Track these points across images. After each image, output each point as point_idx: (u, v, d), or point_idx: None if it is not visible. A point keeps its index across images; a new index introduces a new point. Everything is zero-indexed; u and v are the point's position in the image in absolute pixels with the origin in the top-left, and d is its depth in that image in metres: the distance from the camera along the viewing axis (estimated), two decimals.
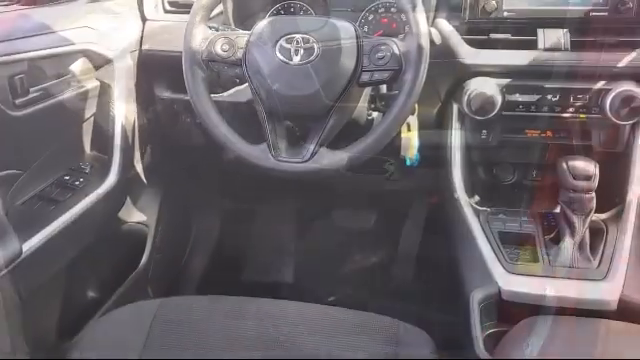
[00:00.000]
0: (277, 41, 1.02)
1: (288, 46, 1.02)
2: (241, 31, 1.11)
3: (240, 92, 1.29)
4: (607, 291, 0.98)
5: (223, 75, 1.08)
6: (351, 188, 1.74)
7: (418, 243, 1.83)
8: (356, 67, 1.01)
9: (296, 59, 1.01)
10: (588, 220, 1.05)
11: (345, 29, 1.03)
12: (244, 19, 1.32)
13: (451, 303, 1.14)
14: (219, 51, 1.05)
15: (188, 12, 1.07)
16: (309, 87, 1.00)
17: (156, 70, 1.40)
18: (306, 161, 1.02)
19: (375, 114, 1.23)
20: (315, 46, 1.01)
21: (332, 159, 1.02)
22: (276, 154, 1.03)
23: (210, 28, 1.08)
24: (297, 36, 1.02)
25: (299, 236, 1.93)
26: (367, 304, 1.07)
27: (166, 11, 1.42)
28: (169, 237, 1.64)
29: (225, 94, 1.30)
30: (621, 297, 0.97)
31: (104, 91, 1.30)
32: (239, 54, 1.05)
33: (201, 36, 1.05)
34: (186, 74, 1.06)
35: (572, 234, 1.05)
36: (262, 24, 1.06)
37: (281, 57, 1.02)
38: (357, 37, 1.03)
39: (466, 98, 1.15)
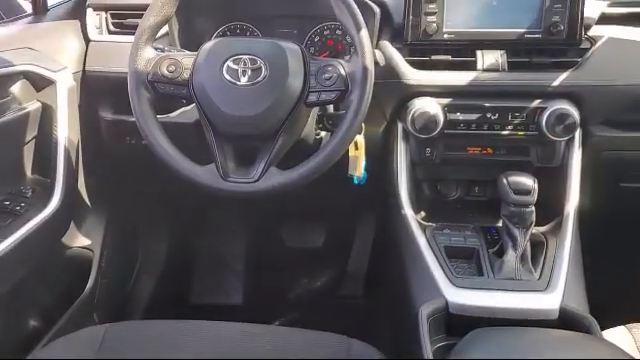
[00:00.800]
0: (224, 62, 1.03)
1: (235, 67, 1.02)
2: (187, 52, 1.11)
3: (187, 113, 1.29)
4: (548, 301, 1.02)
5: (169, 96, 1.08)
6: (300, 207, 1.74)
7: (367, 260, 1.86)
8: (303, 88, 1.03)
9: (243, 80, 1.02)
10: (529, 233, 1.09)
11: (292, 50, 1.05)
12: (190, 40, 1.32)
13: (401, 318, 1.16)
14: (165, 72, 1.04)
15: (133, 33, 1.06)
16: (257, 108, 1.01)
17: (100, 91, 1.38)
18: (255, 181, 1.02)
19: (323, 133, 1.25)
20: (262, 67, 1.02)
21: (281, 179, 1.03)
22: (224, 175, 1.02)
23: (156, 49, 1.08)
24: (244, 57, 1.03)
25: (248, 257, 1.91)
26: (318, 322, 1.07)
27: (110, 32, 1.40)
28: (115, 261, 1.60)
29: (172, 115, 1.30)
30: (561, 306, 1.01)
31: (46, 113, 1.27)
32: (185, 75, 1.05)
33: (147, 57, 1.05)
34: (131, 95, 1.05)
35: (514, 247, 1.08)
36: (209, 45, 1.06)
37: (228, 78, 1.02)
38: (304, 58, 1.05)
39: (410, 117, 1.18)
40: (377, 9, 1.25)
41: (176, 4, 1.07)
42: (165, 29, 1.26)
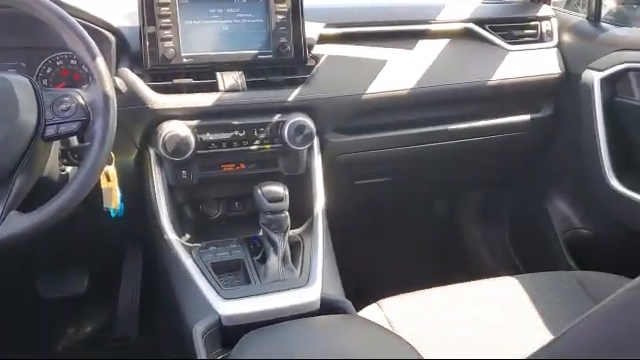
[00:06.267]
0: None
1: None
2: None
3: None
4: (310, 294, 1.11)
5: None
6: (55, 252, 1.60)
7: (138, 294, 1.79)
8: (39, 122, 0.96)
9: None
10: (286, 236, 1.17)
11: (20, 83, 0.97)
12: None
13: (178, 343, 1.15)
14: None
15: None
16: None
17: None
18: None
19: (69, 168, 1.18)
20: None
21: (25, 222, 0.94)
22: None
23: None
24: None
25: None
26: None
27: None
28: None
29: None
30: (322, 296, 1.11)
31: None
32: None
33: None
34: None
35: (275, 251, 1.15)
36: None
37: None
38: (35, 90, 0.98)
39: (161, 141, 1.18)
40: (112, 37, 1.22)
41: None
42: None
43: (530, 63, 1.51)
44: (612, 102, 1.43)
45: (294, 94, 1.29)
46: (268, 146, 1.28)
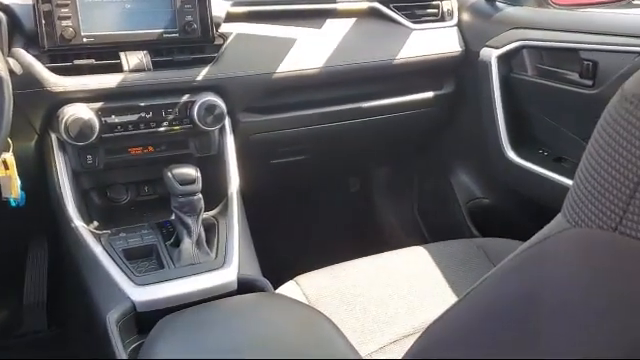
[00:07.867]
0: None
1: None
2: None
3: None
4: (226, 275, 1.11)
5: None
6: None
7: (45, 287, 1.71)
8: None
9: None
10: (200, 219, 1.16)
11: None
12: None
13: (92, 334, 1.12)
14: None
15: None
16: None
17: None
18: None
19: None
20: None
21: None
22: None
23: None
24: None
25: None
26: None
27: None
28: None
29: None
30: (238, 277, 1.11)
31: None
32: None
33: None
34: None
35: (189, 234, 1.14)
36: None
37: None
38: None
39: (63, 126, 1.13)
40: (1, 14, 1.15)
41: None
42: None
43: (432, 42, 1.57)
44: (508, 78, 1.52)
45: (202, 73, 1.27)
46: (177, 127, 1.26)
